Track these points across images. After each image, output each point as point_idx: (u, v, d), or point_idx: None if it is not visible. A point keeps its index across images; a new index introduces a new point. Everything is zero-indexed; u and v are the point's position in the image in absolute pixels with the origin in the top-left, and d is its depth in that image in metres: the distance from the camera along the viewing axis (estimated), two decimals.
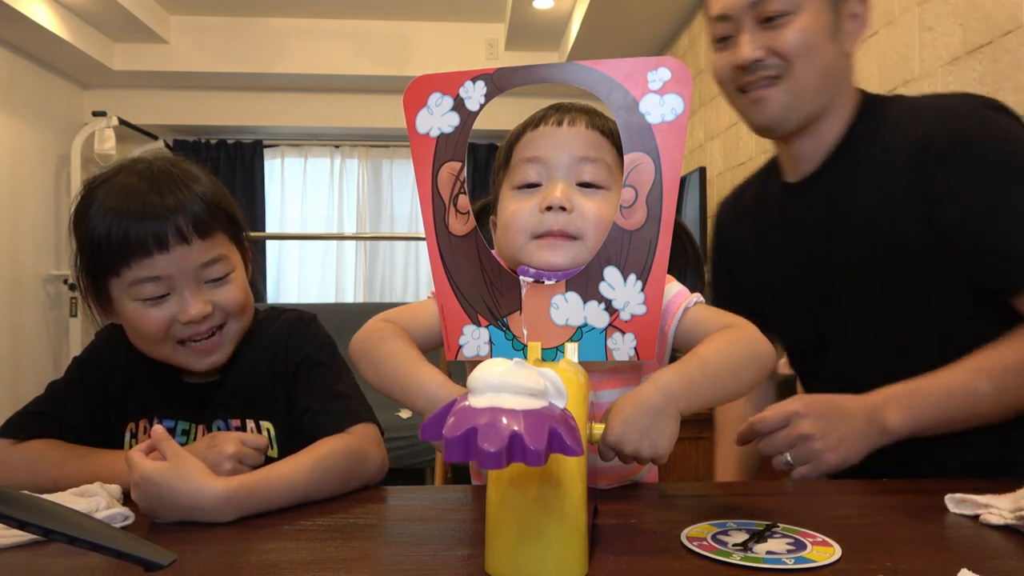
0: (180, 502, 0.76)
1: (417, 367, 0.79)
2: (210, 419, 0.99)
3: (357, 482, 0.89)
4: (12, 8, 3.62)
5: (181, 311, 0.92)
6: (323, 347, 1.02)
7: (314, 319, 1.06)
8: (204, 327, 0.94)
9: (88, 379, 1.01)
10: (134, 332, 0.95)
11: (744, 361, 0.79)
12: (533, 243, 0.80)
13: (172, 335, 0.94)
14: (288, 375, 1.00)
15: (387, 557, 0.67)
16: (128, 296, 0.92)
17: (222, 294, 0.95)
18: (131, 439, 1.01)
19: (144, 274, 0.90)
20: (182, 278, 0.92)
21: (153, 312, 0.92)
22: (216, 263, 0.94)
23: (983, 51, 1.72)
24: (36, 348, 4.46)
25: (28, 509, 0.52)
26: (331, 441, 0.89)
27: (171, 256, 0.90)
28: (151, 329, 0.93)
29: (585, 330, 0.73)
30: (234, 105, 5.09)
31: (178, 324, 0.93)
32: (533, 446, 0.49)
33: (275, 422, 0.99)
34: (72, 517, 0.55)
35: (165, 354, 0.96)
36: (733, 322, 0.83)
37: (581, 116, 0.85)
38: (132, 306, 0.93)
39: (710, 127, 3.57)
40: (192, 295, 0.92)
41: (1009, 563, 0.65)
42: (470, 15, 4.71)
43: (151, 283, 0.91)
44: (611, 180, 0.83)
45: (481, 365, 0.54)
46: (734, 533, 0.71)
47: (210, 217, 0.94)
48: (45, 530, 0.52)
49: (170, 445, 0.79)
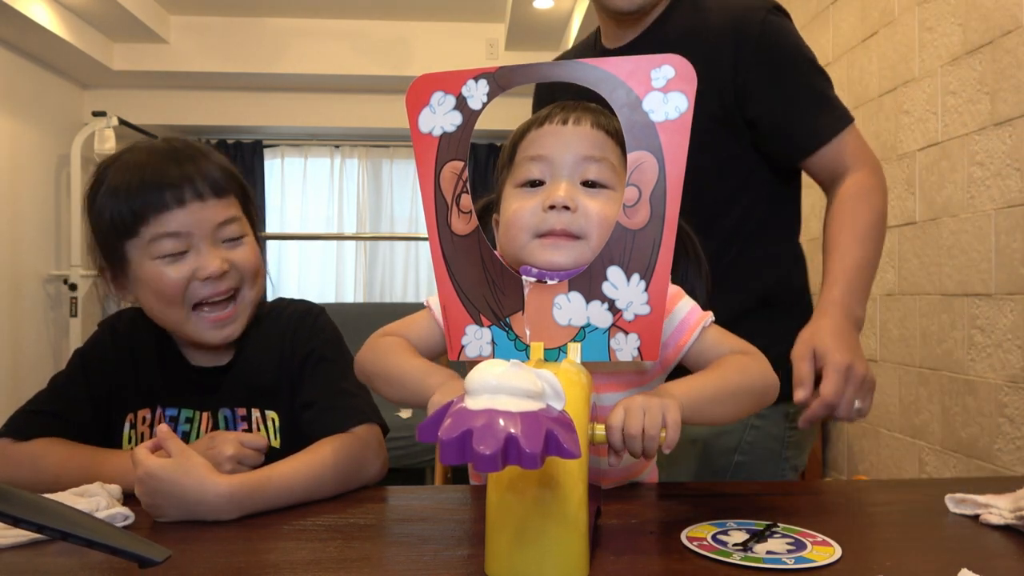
0: (184, 498, 0.76)
1: (428, 374, 0.79)
2: (216, 407, 0.99)
3: (357, 483, 0.90)
4: (12, 8, 3.62)
5: (200, 267, 0.93)
6: (330, 341, 1.02)
7: (322, 312, 1.06)
8: (223, 286, 0.95)
9: (91, 370, 1.01)
10: (152, 294, 0.95)
11: (747, 389, 0.81)
12: (536, 242, 0.80)
13: (189, 297, 0.94)
14: (294, 368, 1.00)
15: (387, 557, 0.67)
16: (147, 255, 0.94)
17: (238, 254, 0.97)
18: (130, 429, 1.01)
19: (162, 230, 0.92)
20: (200, 235, 0.94)
21: (171, 270, 0.93)
22: (232, 223, 0.97)
23: (983, 51, 1.72)
24: (36, 348, 4.46)
25: (23, 505, 0.52)
26: (332, 441, 0.89)
27: (188, 211, 0.93)
28: (169, 288, 0.93)
29: (588, 330, 0.73)
30: (234, 105, 5.08)
31: (196, 283, 0.94)
32: (529, 449, 0.49)
33: (280, 413, 0.99)
34: (67, 513, 0.55)
35: (179, 320, 0.96)
36: (745, 349, 0.84)
37: (586, 115, 0.84)
38: (150, 265, 0.94)
39: None
40: (209, 251, 0.94)
41: (1009, 563, 0.65)
42: (470, 15, 4.70)
43: (170, 239, 0.93)
44: (615, 180, 0.82)
45: (478, 366, 0.54)
46: (734, 533, 0.70)
47: (225, 181, 0.97)
48: (39, 526, 0.52)
49: (176, 443, 0.79)
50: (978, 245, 1.73)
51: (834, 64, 2.38)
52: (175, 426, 0.98)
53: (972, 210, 1.75)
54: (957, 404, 1.80)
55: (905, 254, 2.01)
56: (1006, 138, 1.64)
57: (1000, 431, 1.66)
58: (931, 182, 1.90)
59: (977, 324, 1.73)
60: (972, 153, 1.75)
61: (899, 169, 2.03)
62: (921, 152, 1.94)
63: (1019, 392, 1.61)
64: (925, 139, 1.93)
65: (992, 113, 1.68)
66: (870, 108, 2.17)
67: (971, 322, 1.75)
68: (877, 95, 2.13)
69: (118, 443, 1.00)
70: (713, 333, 0.86)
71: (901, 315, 2.02)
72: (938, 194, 1.87)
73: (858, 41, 2.24)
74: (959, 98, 1.80)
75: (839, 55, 2.35)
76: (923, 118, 1.93)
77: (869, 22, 2.18)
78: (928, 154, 1.91)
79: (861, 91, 2.22)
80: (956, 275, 1.80)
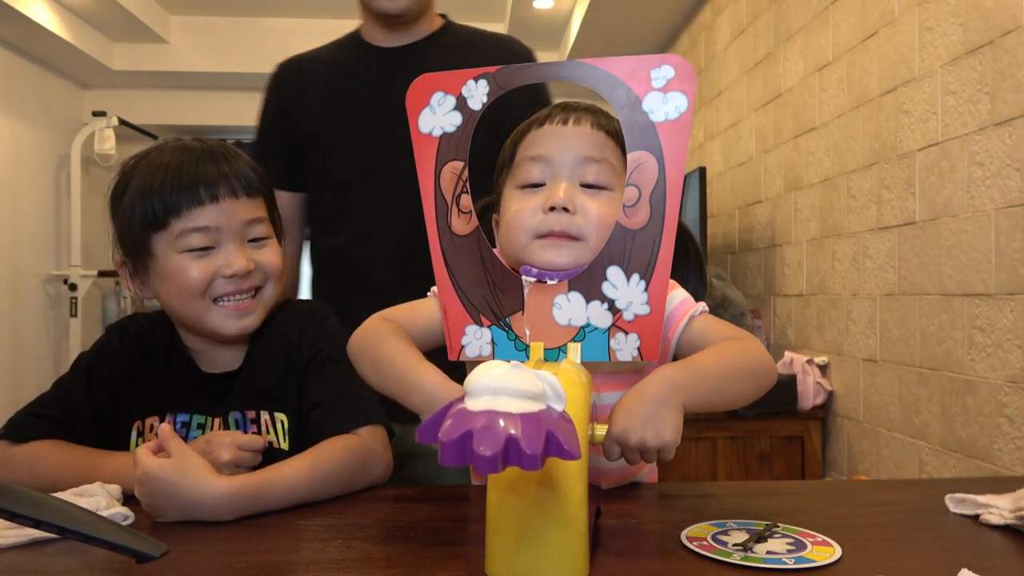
0: (183, 499, 0.76)
1: (417, 366, 0.79)
2: (226, 411, 0.99)
3: (360, 485, 0.89)
4: (12, 8, 3.62)
5: (226, 264, 0.94)
6: (336, 342, 1.01)
7: (328, 312, 1.06)
8: (246, 284, 0.96)
9: (95, 377, 1.00)
10: (175, 287, 0.96)
11: (747, 372, 0.79)
12: (536, 242, 0.80)
13: (211, 292, 0.95)
14: (300, 369, 1.00)
15: (387, 557, 0.67)
16: (174, 249, 0.94)
17: (264, 255, 0.98)
18: (138, 437, 1.00)
19: (192, 224, 0.93)
20: (229, 231, 0.95)
21: (197, 264, 0.94)
22: (260, 223, 0.98)
23: (983, 51, 1.72)
24: (36, 348, 4.46)
25: (20, 501, 0.52)
26: (336, 442, 0.89)
27: (220, 207, 0.94)
28: (193, 282, 0.94)
29: (588, 330, 0.73)
30: (234, 105, 5.08)
31: (221, 279, 0.94)
32: (529, 450, 0.49)
33: (289, 415, 0.99)
34: (65, 508, 0.55)
35: (200, 313, 0.96)
36: (739, 335, 0.83)
37: (586, 116, 0.84)
38: (176, 259, 0.94)
39: (710, 127, 3.57)
40: (236, 249, 0.95)
41: (1009, 563, 0.65)
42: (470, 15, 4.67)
43: (199, 233, 0.94)
44: (615, 180, 0.82)
45: (478, 368, 0.54)
46: (734, 533, 0.70)
47: (258, 182, 0.99)
48: (36, 521, 0.52)
49: (177, 443, 0.79)
50: (978, 245, 1.73)
51: (834, 64, 2.38)
52: (187, 432, 0.98)
53: (972, 210, 1.75)
54: (957, 404, 1.80)
55: (905, 254, 2.01)
56: (1006, 138, 1.64)
57: (1000, 431, 1.66)
58: (931, 182, 1.90)
59: (977, 324, 1.73)
60: (972, 153, 1.75)
61: (899, 169, 2.03)
62: (921, 152, 1.94)
63: (1019, 392, 1.61)
64: (925, 139, 1.93)
65: (992, 113, 1.68)
66: (870, 108, 2.17)
67: (971, 322, 1.75)
68: (877, 95, 2.13)
69: (122, 450, 0.99)
70: (704, 322, 0.85)
71: (901, 315, 2.02)
72: (938, 194, 1.87)
73: (858, 41, 2.24)
74: (959, 98, 1.80)
75: (839, 55, 2.35)
76: (923, 118, 1.93)
77: (869, 22, 2.18)
78: (928, 154, 1.91)
79: (861, 91, 2.22)
80: (956, 275, 1.80)
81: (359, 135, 1.41)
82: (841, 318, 2.33)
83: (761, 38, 2.95)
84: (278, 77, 1.52)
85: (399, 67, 1.39)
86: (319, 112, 1.45)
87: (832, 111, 2.39)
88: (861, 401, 2.24)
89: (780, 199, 2.76)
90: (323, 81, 1.47)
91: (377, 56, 1.46)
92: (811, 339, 2.52)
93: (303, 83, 1.48)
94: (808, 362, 2.41)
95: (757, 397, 0.81)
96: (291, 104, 1.48)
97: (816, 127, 2.49)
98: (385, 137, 1.38)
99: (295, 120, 1.46)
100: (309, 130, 1.45)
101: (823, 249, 2.43)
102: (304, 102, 1.46)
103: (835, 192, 2.36)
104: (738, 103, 3.19)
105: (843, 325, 2.32)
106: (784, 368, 2.47)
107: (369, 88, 1.42)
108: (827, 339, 2.42)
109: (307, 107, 1.46)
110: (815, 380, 2.38)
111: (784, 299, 2.73)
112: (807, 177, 2.55)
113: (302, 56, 1.53)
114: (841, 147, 2.33)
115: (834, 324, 2.37)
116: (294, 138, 1.46)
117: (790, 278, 2.68)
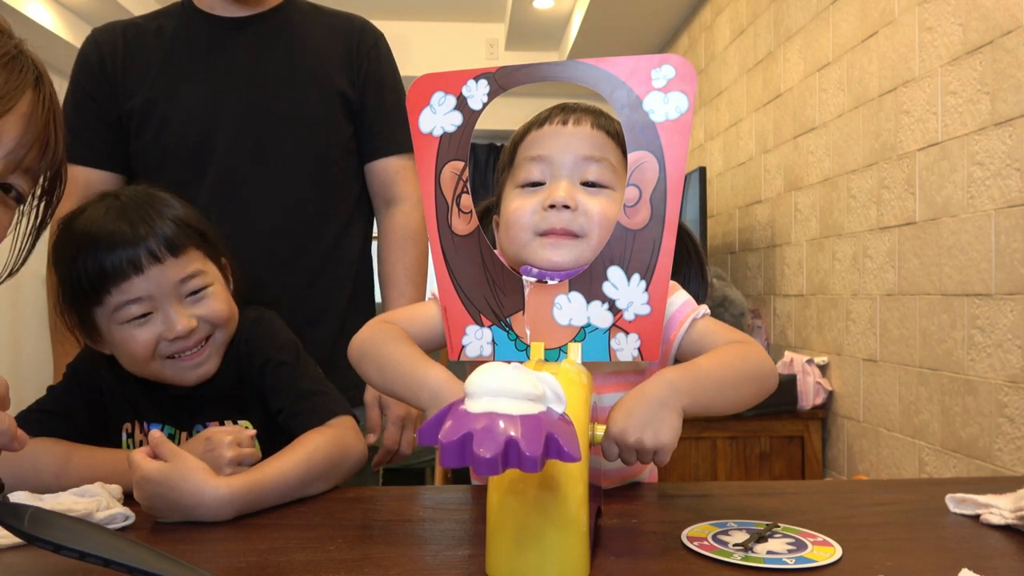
0: (182, 501, 0.76)
1: (422, 365, 0.79)
2: (190, 424, 1.00)
3: (345, 468, 0.91)
4: (12, 8, 3.62)
5: (168, 328, 0.93)
6: (283, 346, 1.02)
7: (273, 317, 1.06)
8: (191, 341, 0.95)
9: (83, 383, 1.02)
10: (124, 355, 0.96)
11: (749, 377, 0.79)
12: (536, 241, 0.80)
13: (160, 352, 0.95)
14: (253, 376, 1.00)
15: (387, 557, 0.67)
16: (114, 321, 0.94)
17: (204, 307, 0.96)
18: (127, 439, 1.02)
19: (125, 298, 0.92)
20: (163, 296, 0.94)
21: (140, 332, 0.93)
22: (193, 278, 0.96)
23: (983, 51, 1.72)
24: (36, 348, 4.45)
25: (64, 532, 0.52)
26: (315, 435, 0.90)
27: (147, 276, 0.92)
28: (140, 350, 0.94)
29: (588, 330, 0.73)
30: None
31: (165, 342, 0.94)
32: (529, 452, 0.49)
33: (253, 421, 0.99)
34: (109, 540, 0.54)
35: (156, 371, 0.96)
36: (741, 338, 0.83)
37: (586, 116, 0.84)
38: (119, 330, 0.94)
39: (710, 127, 3.57)
40: (176, 311, 0.94)
41: (1010, 563, 0.65)
42: (470, 15, 4.70)
43: (134, 304, 0.93)
44: (615, 180, 0.82)
45: (479, 369, 0.54)
46: (735, 533, 0.70)
47: (181, 236, 0.96)
48: (81, 554, 0.51)
49: (169, 447, 0.79)
50: (978, 245, 1.73)
51: (834, 64, 2.38)
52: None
53: (972, 210, 1.75)
54: (957, 404, 1.81)
55: (905, 254, 2.01)
56: (1006, 138, 1.64)
57: (1000, 431, 1.66)
58: (931, 182, 1.90)
59: (977, 324, 1.73)
60: (972, 153, 1.75)
61: (899, 169, 2.03)
62: (921, 152, 1.94)
63: (1019, 392, 1.61)
64: (925, 139, 1.93)
65: (992, 113, 1.68)
66: (870, 108, 2.17)
67: (971, 322, 1.75)
68: (877, 95, 2.13)
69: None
70: (706, 325, 0.85)
71: (901, 315, 2.02)
72: (938, 194, 1.87)
73: (858, 41, 2.24)
74: (959, 98, 1.80)
75: (839, 55, 2.35)
76: (923, 118, 1.93)
77: (869, 22, 2.18)
78: (928, 154, 1.91)
79: (861, 91, 2.22)
80: (956, 275, 1.80)
81: (198, 109, 1.29)
82: (841, 318, 2.33)
83: (761, 38, 2.95)
84: (97, 43, 1.34)
85: (239, 37, 1.33)
86: (151, 83, 1.30)
87: (832, 111, 2.39)
88: (861, 401, 2.24)
89: (780, 199, 2.76)
90: (154, 52, 1.32)
91: (216, 25, 1.34)
92: (811, 339, 2.52)
93: (128, 52, 1.32)
94: (808, 362, 2.41)
95: (758, 401, 0.81)
96: (115, 74, 1.31)
97: (816, 127, 2.49)
98: (228, 111, 1.29)
99: (120, 93, 1.31)
100: (139, 104, 1.30)
101: (823, 249, 2.44)
102: (131, 72, 1.31)
103: (835, 192, 2.36)
104: (738, 103, 3.19)
105: (843, 325, 2.32)
106: (784, 368, 2.47)
107: (208, 59, 1.32)
108: (827, 339, 2.42)
109: (136, 78, 1.31)
110: (815, 380, 2.38)
111: (784, 299, 2.73)
112: (807, 177, 2.55)
113: (125, 23, 1.38)
114: (841, 147, 2.33)
115: (834, 324, 2.37)
116: (118, 112, 1.31)
117: (790, 278, 2.68)
